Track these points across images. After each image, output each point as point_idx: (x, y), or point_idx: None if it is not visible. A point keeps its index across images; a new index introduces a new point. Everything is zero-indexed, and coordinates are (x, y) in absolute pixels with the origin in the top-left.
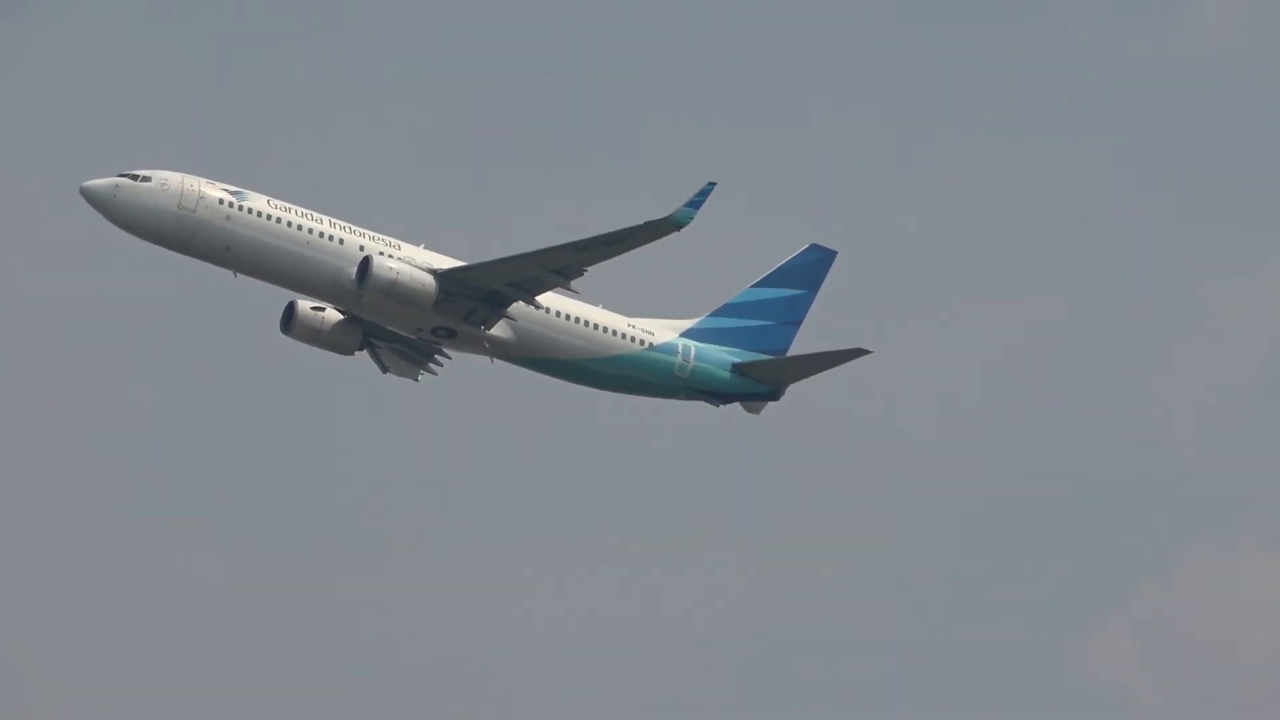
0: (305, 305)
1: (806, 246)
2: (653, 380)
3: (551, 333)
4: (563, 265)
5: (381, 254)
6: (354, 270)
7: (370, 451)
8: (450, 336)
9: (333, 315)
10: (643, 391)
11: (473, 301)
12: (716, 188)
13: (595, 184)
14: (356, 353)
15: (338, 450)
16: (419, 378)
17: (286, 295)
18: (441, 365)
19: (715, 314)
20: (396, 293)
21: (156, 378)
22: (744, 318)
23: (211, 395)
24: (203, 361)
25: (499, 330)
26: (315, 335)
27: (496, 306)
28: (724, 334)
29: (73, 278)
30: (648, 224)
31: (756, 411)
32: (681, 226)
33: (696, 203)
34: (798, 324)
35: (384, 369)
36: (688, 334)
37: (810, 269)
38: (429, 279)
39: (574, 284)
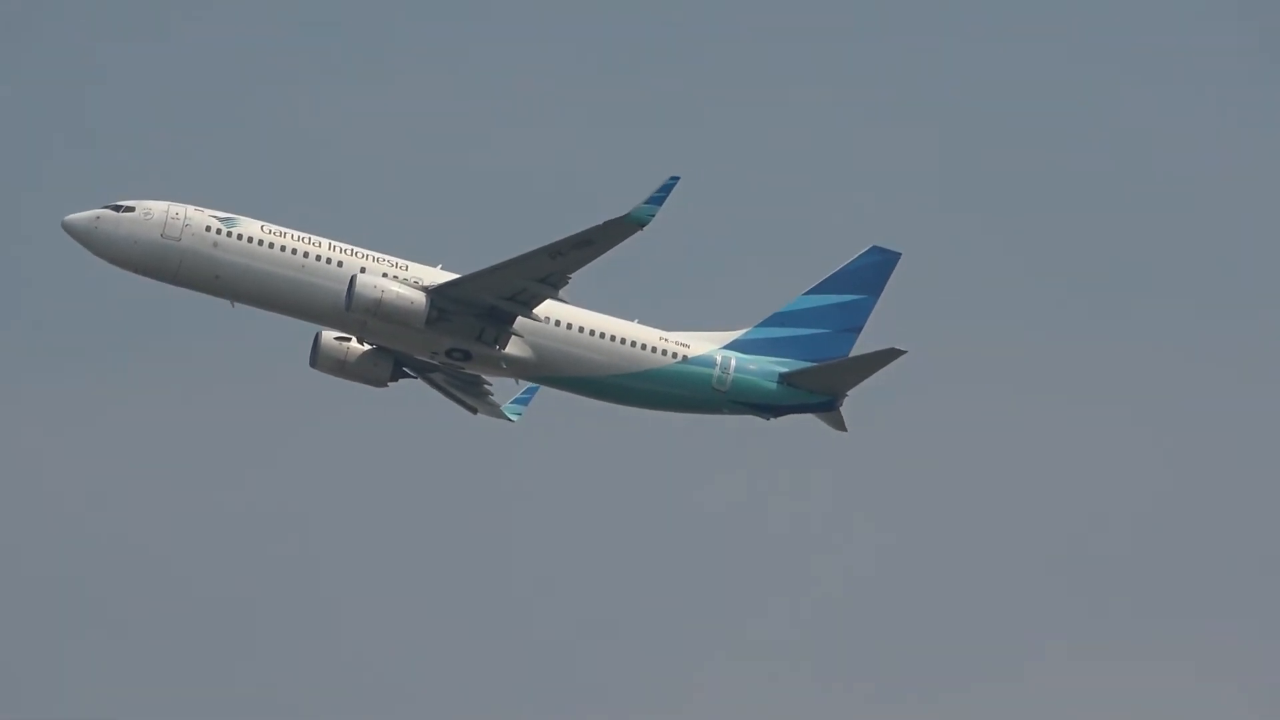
0: (329, 336)
1: (867, 249)
2: (689, 395)
3: (573, 349)
4: (545, 273)
5: (385, 275)
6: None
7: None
8: (466, 359)
9: (358, 345)
10: (681, 407)
11: (474, 319)
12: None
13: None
14: (390, 384)
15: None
16: (515, 418)
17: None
18: (492, 392)
19: (764, 324)
20: (383, 311)
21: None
22: (797, 326)
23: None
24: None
25: (516, 349)
26: (342, 366)
27: (500, 323)
28: (774, 344)
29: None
30: (607, 223)
31: (839, 425)
32: (643, 224)
33: (658, 199)
34: (858, 330)
35: (473, 410)
36: (733, 345)
37: (871, 272)
38: (418, 296)
39: (563, 292)
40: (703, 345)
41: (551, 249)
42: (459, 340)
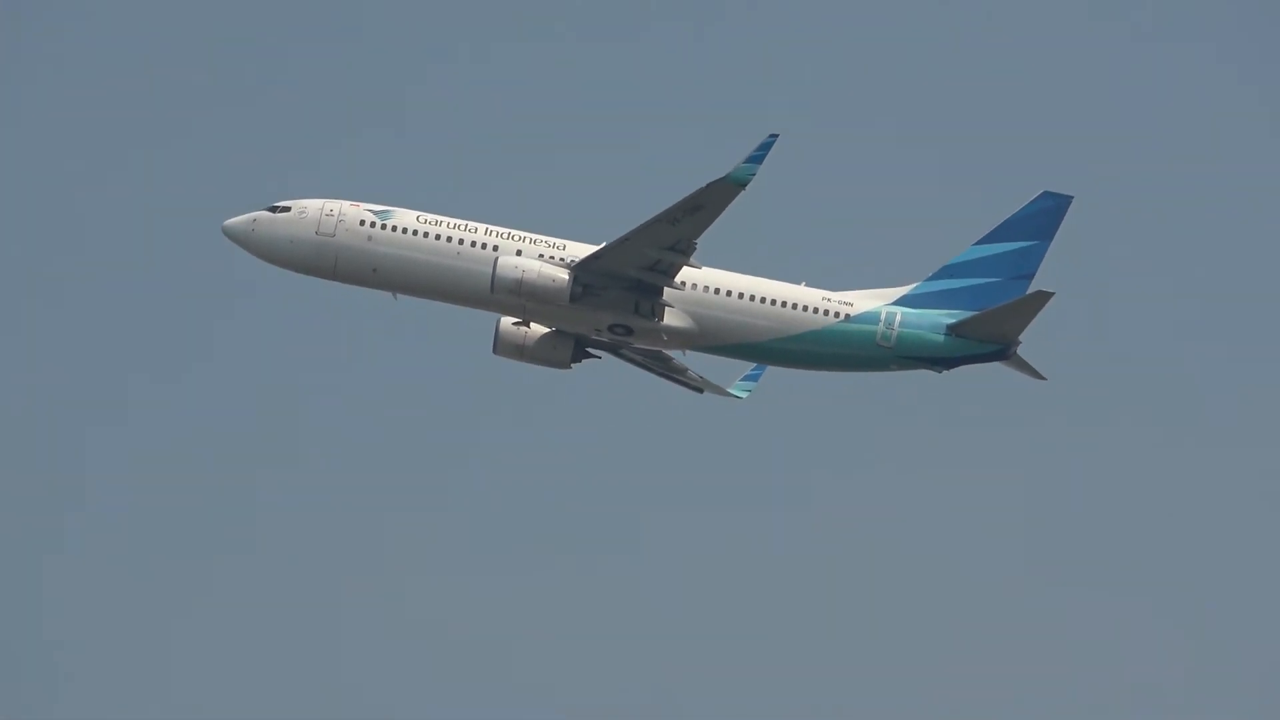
0: (507, 322)
1: (1038, 194)
2: (854, 353)
3: (734, 316)
4: (670, 240)
5: (540, 256)
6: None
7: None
8: (629, 333)
9: (537, 329)
10: (849, 366)
11: (622, 292)
12: None
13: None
14: (574, 365)
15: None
16: (743, 395)
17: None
18: (688, 367)
19: (934, 277)
20: (525, 290)
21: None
22: (967, 277)
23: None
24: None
25: (675, 320)
26: (521, 351)
27: (650, 294)
28: (944, 297)
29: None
30: (709, 185)
31: (1034, 374)
32: (743, 184)
33: (757, 158)
34: (1030, 277)
35: (699, 389)
36: (903, 301)
37: (1042, 218)
38: (560, 273)
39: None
40: (869, 303)
41: (667, 216)
42: (616, 315)
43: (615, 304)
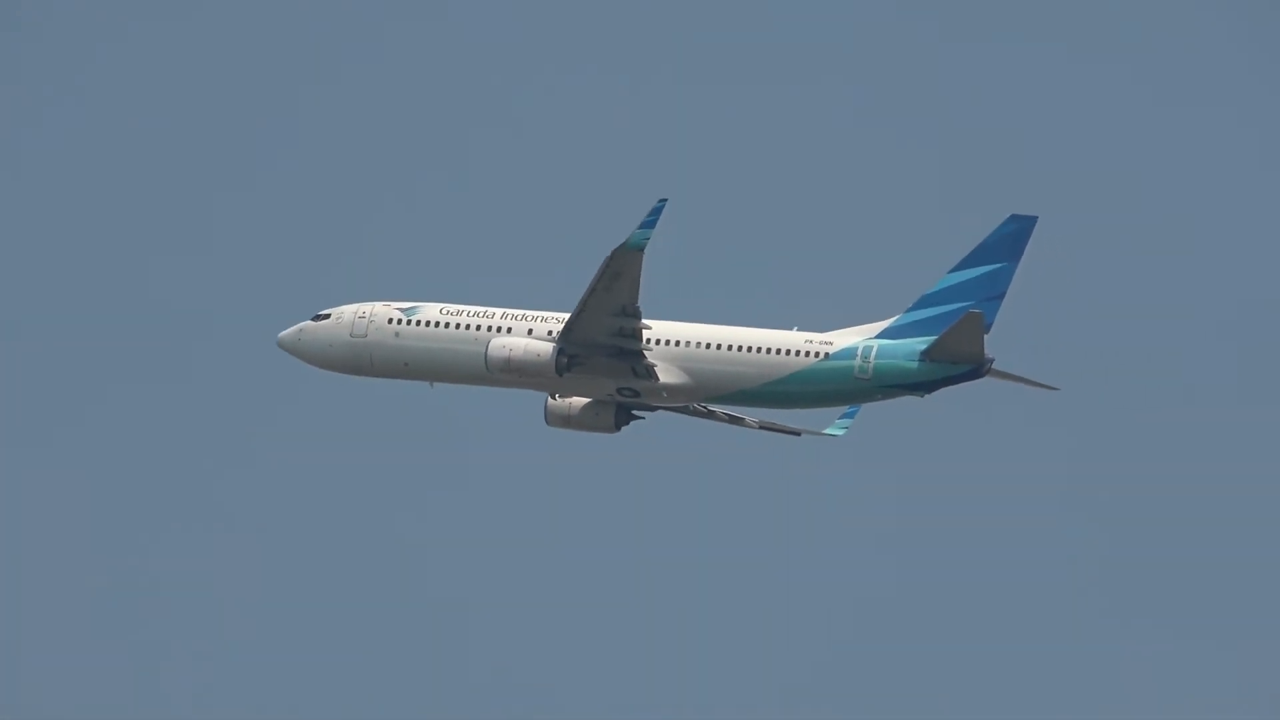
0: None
1: (1006, 218)
2: (837, 388)
3: (723, 367)
4: (615, 306)
5: (549, 333)
6: None
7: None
8: (636, 395)
9: (578, 400)
10: (837, 401)
11: (606, 359)
12: None
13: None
14: (623, 429)
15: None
16: (840, 433)
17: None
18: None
19: (913, 308)
20: (515, 367)
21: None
22: (942, 304)
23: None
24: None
25: (671, 377)
26: (568, 420)
27: (632, 357)
28: (924, 325)
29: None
30: (613, 254)
31: (1033, 384)
32: (640, 249)
33: (650, 223)
34: (1000, 297)
35: (796, 433)
36: (886, 333)
37: (1010, 240)
38: (544, 348)
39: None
40: (851, 339)
41: (599, 285)
42: (617, 380)
43: (609, 370)
